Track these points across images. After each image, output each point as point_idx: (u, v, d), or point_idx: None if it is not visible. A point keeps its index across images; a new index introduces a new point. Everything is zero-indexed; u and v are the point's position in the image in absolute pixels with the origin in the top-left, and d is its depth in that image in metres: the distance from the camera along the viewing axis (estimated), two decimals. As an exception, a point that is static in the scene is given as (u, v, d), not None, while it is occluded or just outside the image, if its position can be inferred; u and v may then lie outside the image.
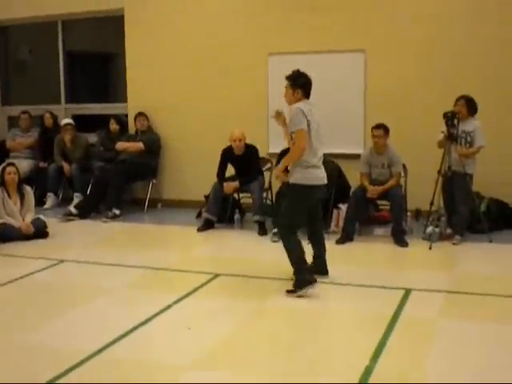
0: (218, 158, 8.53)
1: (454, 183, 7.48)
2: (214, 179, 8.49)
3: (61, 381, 4.03)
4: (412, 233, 7.87)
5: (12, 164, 8.33)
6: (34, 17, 10.90)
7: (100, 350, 4.47)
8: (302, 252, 5.73)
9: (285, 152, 8.17)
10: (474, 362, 4.29)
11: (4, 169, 8.12)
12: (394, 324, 4.94)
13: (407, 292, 5.69)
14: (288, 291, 5.64)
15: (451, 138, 7.34)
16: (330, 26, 9.00)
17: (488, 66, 8.41)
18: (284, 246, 5.73)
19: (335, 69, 9.03)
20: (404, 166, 8.05)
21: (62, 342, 4.71)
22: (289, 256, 5.72)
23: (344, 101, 8.99)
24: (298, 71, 5.86)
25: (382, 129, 7.75)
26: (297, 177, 5.71)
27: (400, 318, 5.06)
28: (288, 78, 5.83)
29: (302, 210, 5.79)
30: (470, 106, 7.51)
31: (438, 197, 7.55)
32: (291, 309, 5.41)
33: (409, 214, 8.05)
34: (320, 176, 5.79)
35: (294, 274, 5.71)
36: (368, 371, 4.09)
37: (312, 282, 5.63)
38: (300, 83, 5.79)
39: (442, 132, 7.42)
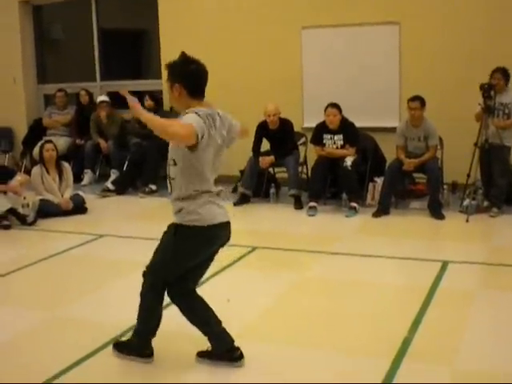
0: (253, 133, 8.54)
1: (492, 156, 7.42)
2: (250, 154, 8.51)
3: (102, 352, 4.14)
4: (448, 206, 7.81)
5: (50, 141, 8.46)
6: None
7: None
8: (154, 320, 4.01)
9: (320, 126, 8.19)
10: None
11: (42, 146, 8.25)
12: (431, 296, 4.95)
13: (444, 264, 5.68)
14: (114, 345, 4.12)
15: (488, 110, 7.27)
16: (364, -2, 8.93)
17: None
18: (141, 298, 3.96)
19: (370, 42, 8.93)
20: (440, 139, 7.98)
21: (102, 315, 4.82)
22: (139, 313, 3.98)
23: (379, 74, 8.90)
24: (183, 55, 3.71)
25: (419, 101, 7.68)
26: (190, 217, 3.73)
27: (438, 290, 5.07)
28: (166, 66, 3.74)
29: (190, 262, 3.85)
30: (506, 77, 7.46)
31: (475, 169, 7.48)
32: (329, 280, 5.45)
33: (445, 186, 7.99)
34: (222, 212, 3.94)
35: (133, 334, 4.08)
36: (406, 342, 4.12)
37: (144, 356, 4.00)
38: (181, 74, 3.66)
39: (479, 104, 7.35)
